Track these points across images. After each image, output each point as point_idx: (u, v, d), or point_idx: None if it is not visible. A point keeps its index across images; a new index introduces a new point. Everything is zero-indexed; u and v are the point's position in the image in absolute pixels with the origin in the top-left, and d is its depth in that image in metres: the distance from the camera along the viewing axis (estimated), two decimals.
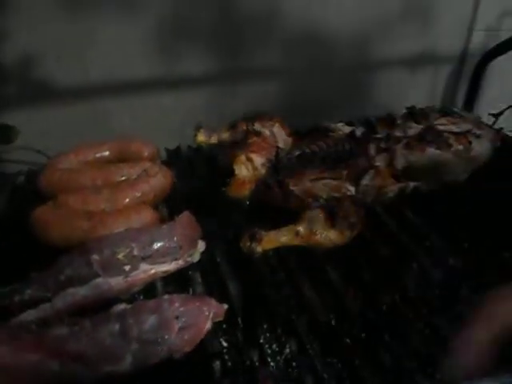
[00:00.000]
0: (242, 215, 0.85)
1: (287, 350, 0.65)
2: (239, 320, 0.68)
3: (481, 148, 0.97)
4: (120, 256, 0.67)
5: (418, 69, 1.30)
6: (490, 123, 1.24)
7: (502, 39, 1.36)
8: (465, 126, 1.08)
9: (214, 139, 1.01)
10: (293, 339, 0.66)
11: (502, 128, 1.11)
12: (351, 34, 1.18)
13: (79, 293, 0.64)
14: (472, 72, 1.29)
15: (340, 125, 1.10)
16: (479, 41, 1.35)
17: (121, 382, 0.57)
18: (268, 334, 0.66)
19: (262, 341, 0.65)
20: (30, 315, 0.61)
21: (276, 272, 0.76)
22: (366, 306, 0.71)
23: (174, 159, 1.05)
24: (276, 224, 0.83)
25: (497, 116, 1.23)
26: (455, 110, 1.34)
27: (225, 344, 0.65)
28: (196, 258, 0.74)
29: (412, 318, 0.70)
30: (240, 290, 0.72)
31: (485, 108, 1.42)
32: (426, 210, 0.91)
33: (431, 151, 0.94)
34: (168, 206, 0.89)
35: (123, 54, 1.01)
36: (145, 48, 1.03)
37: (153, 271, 0.68)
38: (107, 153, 0.94)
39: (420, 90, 1.35)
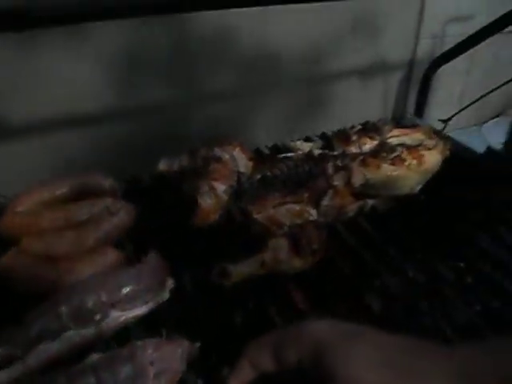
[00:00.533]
0: (210, 245, 0.87)
1: None
2: (212, 355, 0.69)
3: (432, 160, 1.03)
4: (89, 305, 0.67)
5: (369, 80, 1.35)
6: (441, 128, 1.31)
7: (447, 45, 1.43)
8: (416, 137, 1.13)
9: (175, 167, 1.01)
10: None
11: (449, 136, 1.17)
12: (302, 50, 1.20)
13: (52, 348, 0.64)
14: (420, 80, 1.34)
15: (298, 143, 1.13)
16: (426, 48, 1.41)
17: None
18: None
19: None
20: (1, 377, 0.61)
21: (245, 301, 0.78)
22: None
23: (135, 189, 1.05)
24: (243, 250, 0.85)
25: (446, 122, 1.29)
26: (407, 117, 1.40)
27: (200, 382, 0.67)
28: (165, 296, 0.75)
29: None
30: (211, 323, 0.74)
31: (435, 112, 1.49)
32: (384, 224, 0.95)
33: (386, 167, 0.98)
34: (133, 242, 0.88)
35: (75, 88, 1.00)
36: (96, 80, 1.02)
37: (123, 318, 0.69)
38: (66, 190, 0.93)
39: (372, 100, 1.40)
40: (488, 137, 1.64)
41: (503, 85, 1.25)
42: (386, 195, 0.99)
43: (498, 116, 1.73)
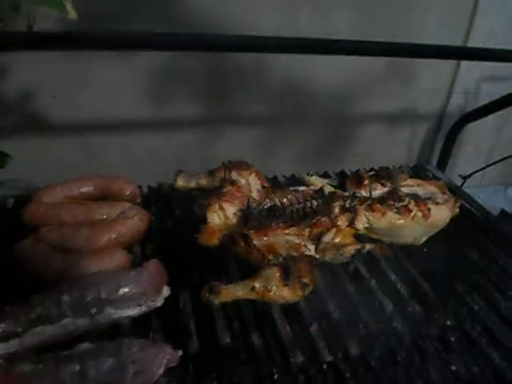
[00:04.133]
0: (210, 263, 0.92)
1: None
2: (190, 366, 0.75)
3: (439, 215, 1.05)
4: (88, 299, 0.74)
5: (397, 126, 1.38)
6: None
7: (480, 102, 1.44)
8: (429, 189, 1.16)
9: (192, 184, 1.08)
10: None
11: (460, 194, 1.19)
12: (335, 87, 1.25)
13: (47, 331, 0.71)
14: (448, 132, 1.37)
15: (313, 178, 1.18)
16: (458, 102, 1.43)
17: None
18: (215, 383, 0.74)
19: None
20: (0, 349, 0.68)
21: (231, 321, 0.83)
22: (309, 362, 0.79)
23: (154, 197, 1.13)
24: (241, 273, 0.90)
25: (465, 178, 1.31)
26: (428, 167, 1.42)
27: None
28: (159, 302, 0.81)
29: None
30: (196, 337, 0.79)
31: (460, 166, 1.50)
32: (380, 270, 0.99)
33: (391, 215, 1.02)
34: (142, 247, 0.95)
35: (115, 95, 1.09)
36: (136, 90, 1.10)
37: (116, 316, 0.75)
38: (91, 188, 1.02)
39: (397, 146, 1.42)
40: None
41: None
42: (388, 242, 1.02)
43: None
